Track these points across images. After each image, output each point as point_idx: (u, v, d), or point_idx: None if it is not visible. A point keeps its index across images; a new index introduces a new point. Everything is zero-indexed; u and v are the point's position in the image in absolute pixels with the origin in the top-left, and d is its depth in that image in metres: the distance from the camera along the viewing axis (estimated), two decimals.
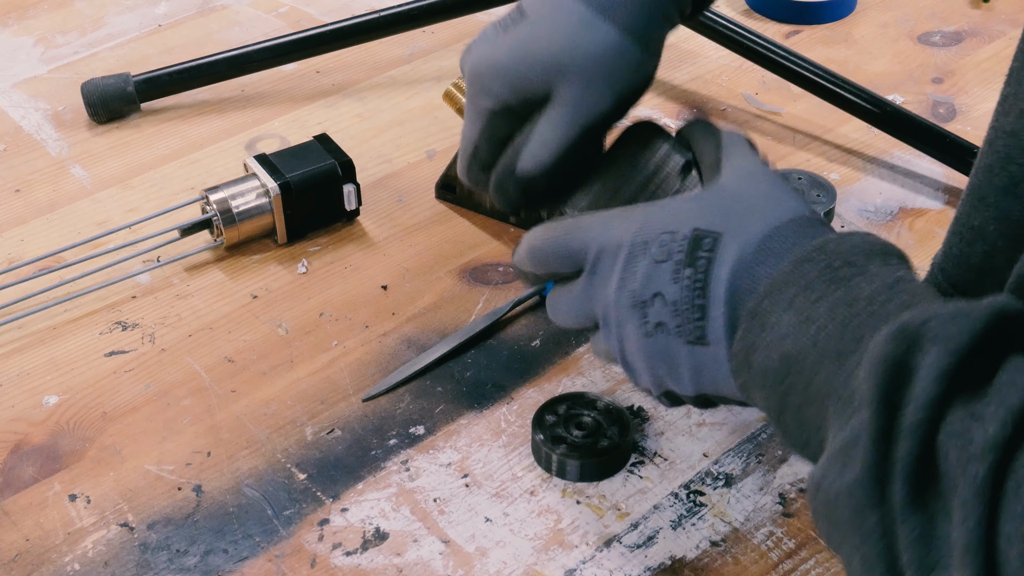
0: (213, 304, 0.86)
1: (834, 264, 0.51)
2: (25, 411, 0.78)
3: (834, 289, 0.51)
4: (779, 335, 0.52)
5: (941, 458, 0.43)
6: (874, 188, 0.94)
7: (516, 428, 0.76)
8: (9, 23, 1.18)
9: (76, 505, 0.72)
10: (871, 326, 0.48)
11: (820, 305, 0.51)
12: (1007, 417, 0.42)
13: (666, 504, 0.71)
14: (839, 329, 0.50)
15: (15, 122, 1.04)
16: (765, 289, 0.53)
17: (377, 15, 1.06)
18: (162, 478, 0.73)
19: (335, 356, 0.81)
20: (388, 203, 0.95)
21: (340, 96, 1.07)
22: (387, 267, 0.89)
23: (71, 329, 0.84)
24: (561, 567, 0.68)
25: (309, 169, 0.89)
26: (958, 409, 0.44)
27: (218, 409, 0.78)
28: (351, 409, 0.77)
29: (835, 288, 0.51)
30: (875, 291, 0.50)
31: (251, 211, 0.88)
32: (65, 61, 1.12)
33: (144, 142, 1.02)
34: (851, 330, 0.49)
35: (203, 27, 1.17)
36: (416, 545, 0.69)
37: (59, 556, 0.69)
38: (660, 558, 0.68)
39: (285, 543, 0.69)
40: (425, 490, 0.72)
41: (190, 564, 0.68)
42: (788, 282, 0.52)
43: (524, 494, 0.72)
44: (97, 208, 0.95)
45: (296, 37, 1.06)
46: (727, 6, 1.18)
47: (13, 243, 0.92)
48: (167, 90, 1.05)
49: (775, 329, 0.52)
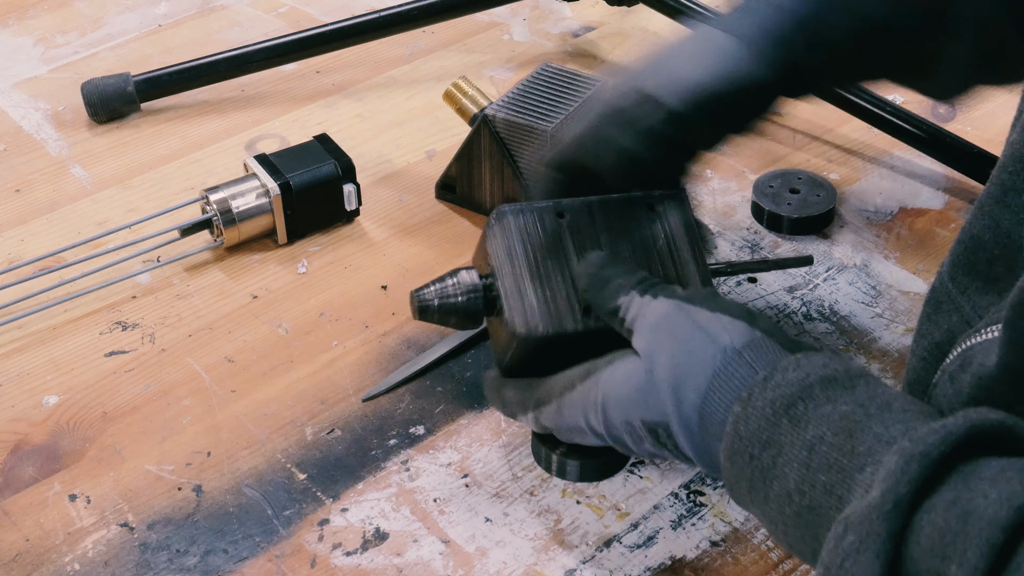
0: (213, 304, 0.86)
1: (754, 453, 0.54)
2: (25, 411, 0.78)
3: (768, 484, 0.54)
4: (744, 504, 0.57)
5: None
6: (874, 188, 0.94)
7: (516, 428, 0.76)
8: (9, 23, 1.18)
9: (76, 505, 0.72)
10: (820, 524, 0.51)
11: (769, 506, 0.54)
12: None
13: (666, 504, 0.71)
14: (797, 527, 0.53)
15: (15, 122, 1.04)
16: (724, 465, 0.57)
17: (377, 15, 1.06)
18: (162, 478, 0.73)
19: (335, 356, 0.81)
20: (388, 203, 0.95)
21: (340, 96, 1.07)
22: (387, 267, 0.89)
23: (71, 329, 0.84)
24: (561, 567, 0.68)
25: (309, 169, 0.89)
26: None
27: (218, 409, 0.78)
28: (351, 409, 0.77)
29: (768, 484, 0.54)
30: (799, 479, 0.52)
31: (251, 211, 0.88)
32: (65, 61, 1.12)
33: (144, 142, 1.02)
34: (808, 525, 0.52)
35: (203, 27, 1.17)
36: (416, 545, 0.69)
37: (59, 556, 0.69)
38: (660, 558, 0.68)
39: (285, 543, 0.69)
40: (425, 490, 0.72)
41: (190, 564, 0.68)
42: (735, 477, 0.56)
43: (524, 494, 0.72)
44: (97, 208, 0.95)
45: (296, 37, 1.06)
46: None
47: (13, 243, 0.92)
48: (167, 90, 1.05)
49: (741, 500, 0.57)
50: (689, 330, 0.59)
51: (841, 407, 0.53)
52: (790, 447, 0.53)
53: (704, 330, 0.58)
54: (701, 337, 0.58)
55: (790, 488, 0.52)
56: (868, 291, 0.85)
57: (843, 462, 0.51)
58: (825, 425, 0.52)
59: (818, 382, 0.54)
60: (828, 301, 0.84)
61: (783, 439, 0.53)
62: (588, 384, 0.62)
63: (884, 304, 0.84)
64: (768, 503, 0.54)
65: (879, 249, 0.89)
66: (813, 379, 0.54)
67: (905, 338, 0.81)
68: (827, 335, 0.82)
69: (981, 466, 0.47)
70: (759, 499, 0.55)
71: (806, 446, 0.52)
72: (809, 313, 0.83)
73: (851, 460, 0.50)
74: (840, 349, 0.81)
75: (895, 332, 0.82)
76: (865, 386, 0.54)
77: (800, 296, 0.85)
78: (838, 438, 0.52)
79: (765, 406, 0.54)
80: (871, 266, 0.87)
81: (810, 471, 0.52)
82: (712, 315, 0.59)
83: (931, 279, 0.85)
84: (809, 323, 0.83)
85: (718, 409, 0.57)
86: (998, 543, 0.44)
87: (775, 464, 0.53)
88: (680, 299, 0.60)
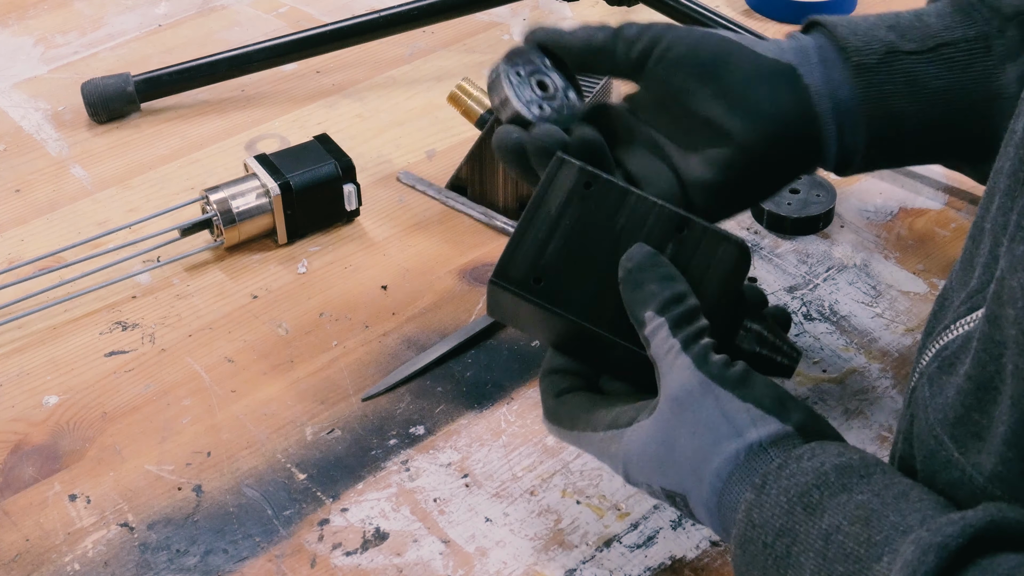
0: (213, 304, 0.86)
1: (768, 541, 0.54)
2: (25, 411, 0.78)
3: (782, 573, 0.53)
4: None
5: None
6: (874, 188, 0.94)
7: (516, 428, 0.76)
8: (9, 23, 1.18)
9: (76, 505, 0.72)
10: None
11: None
12: None
13: (666, 504, 0.71)
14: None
15: (15, 122, 1.04)
16: (735, 552, 0.56)
17: (377, 15, 1.06)
18: (162, 478, 0.73)
19: (335, 356, 0.81)
20: (388, 203, 0.95)
21: (340, 96, 1.07)
22: (387, 267, 0.89)
23: (71, 329, 0.84)
24: (561, 567, 0.68)
25: (309, 169, 0.89)
26: None
27: (218, 409, 0.78)
28: (351, 409, 0.78)
29: (782, 572, 0.53)
30: (815, 568, 0.51)
31: (251, 211, 0.88)
32: (65, 61, 1.12)
33: (144, 142, 1.02)
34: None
35: (203, 27, 1.17)
36: (416, 545, 0.69)
37: (59, 556, 0.69)
38: (660, 558, 0.68)
39: (285, 543, 0.69)
40: (425, 490, 0.72)
41: (190, 564, 0.68)
42: (747, 564, 0.55)
43: (524, 494, 0.72)
44: (97, 208, 0.95)
45: (296, 37, 1.06)
46: (727, 6, 1.18)
47: (13, 243, 0.92)
48: (167, 90, 1.05)
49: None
50: (716, 417, 0.57)
51: (857, 496, 0.52)
52: (805, 536, 0.52)
53: (732, 421, 0.56)
54: (728, 428, 0.56)
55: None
56: (868, 291, 0.85)
57: (860, 551, 0.50)
58: (841, 514, 0.52)
59: (833, 470, 0.53)
60: (828, 301, 0.84)
61: (798, 528, 0.52)
62: (610, 436, 0.61)
63: (884, 304, 0.84)
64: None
65: (879, 249, 0.89)
66: (828, 467, 0.54)
67: (905, 338, 0.81)
68: (827, 335, 0.82)
69: (998, 561, 0.47)
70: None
71: (822, 535, 0.52)
72: (809, 313, 0.83)
73: (868, 550, 0.50)
74: (840, 349, 0.81)
75: (895, 332, 0.82)
76: (881, 475, 0.53)
77: (800, 296, 0.85)
78: (854, 527, 0.51)
79: (779, 494, 0.54)
80: (871, 266, 0.87)
81: (827, 561, 0.51)
82: (743, 406, 0.57)
83: (931, 279, 0.85)
84: (809, 323, 0.83)
85: (737, 498, 0.56)
86: None
87: (789, 553, 0.52)
88: (711, 374, 0.57)
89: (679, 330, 0.59)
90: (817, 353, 0.80)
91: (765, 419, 0.56)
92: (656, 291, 0.60)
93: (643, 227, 0.62)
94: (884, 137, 0.69)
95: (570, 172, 0.63)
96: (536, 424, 0.76)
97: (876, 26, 0.70)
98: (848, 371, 0.79)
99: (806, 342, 0.81)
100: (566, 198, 0.63)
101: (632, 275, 0.61)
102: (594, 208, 0.63)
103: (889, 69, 0.68)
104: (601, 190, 0.63)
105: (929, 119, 0.69)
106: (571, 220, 0.63)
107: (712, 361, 0.58)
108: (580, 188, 0.63)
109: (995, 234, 0.53)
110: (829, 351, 0.81)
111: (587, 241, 0.63)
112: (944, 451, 0.52)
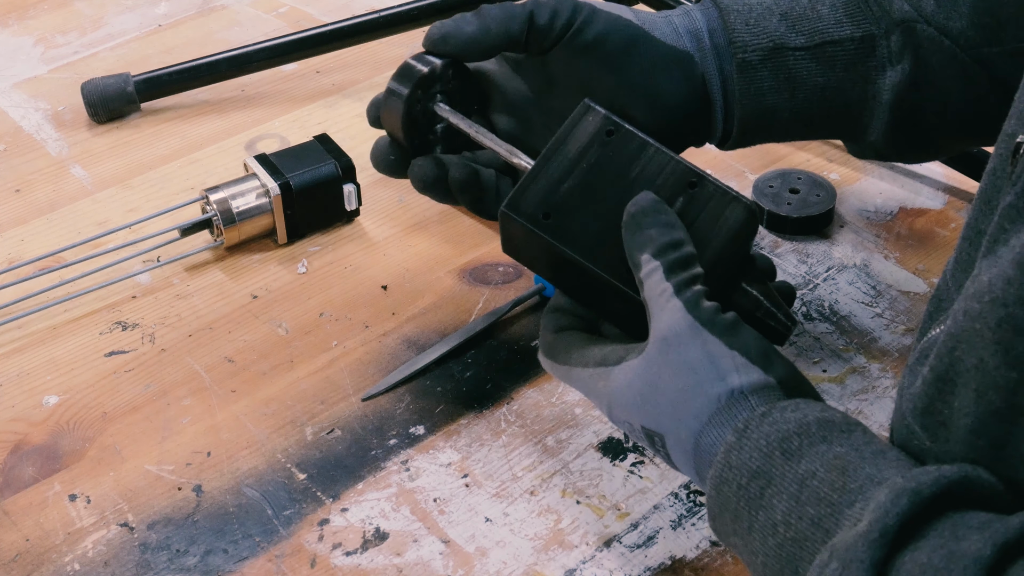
0: (213, 304, 0.86)
1: (743, 482, 0.55)
2: (25, 411, 0.78)
3: (753, 514, 0.54)
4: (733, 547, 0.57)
5: None
6: (874, 188, 0.94)
7: (516, 428, 0.76)
8: (9, 23, 1.18)
9: (76, 505, 0.72)
10: (803, 557, 0.52)
11: (752, 537, 0.54)
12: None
13: (666, 504, 0.71)
14: (778, 558, 0.53)
15: (15, 122, 1.04)
16: (710, 493, 0.57)
17: (377, 15, 1.06)
18: (162, 478, 0.73)
19: (335, 356, 0.81)
20: (388, 203, 0.95)
21: (340, 96, 1.07)
22: (387, 267, 0.89)
23: (71, 329, 0.84)
24: (561, 567, 0.68)
25: (309, 169, 0.89)
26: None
27: (218, 409, 0.78)
28: (351, 409, 0.78)
29: (753, 513, 0.54)
30: (787, 510, 0.53)
31: (251, 211, 0.88)
32: (65, 61, 1.12)
33: (144, 142, 1.02)
34: (789, 558, 0.52)
35: (203, 27, 1.17)
36: (416, 545, 0.69)
37: (59, 556, 0.69)
38: (660, 558, 0.68)
39: (285, 543, 0.69)
40: (425, 490, 0.72)
41: (190, 564, 0.68)
42: (720, 506, 0.56)
43: (524, 494, 0.72)
44: (97, 208, 0.95)
45: (296, 37, 1.06)
46: None
47: (13, 243, 0.92)
48: (167, 90, 1.05)
49: (721, 531, 0.57)
50: (701, 360, 0.58)
51: (836, 448, 0.53)
52: (780, 479, 0.53)
53: (716, 365, 0.58)
54: (711, 372, 0.58)
55: (776, 519, 0.53)
56: (868, 291, 0.85)
57: (833, 497, 0.51)
58: (819, 462, 0.53)
59: (815, 422, 0.55)
60: (828, 301, 0.84)
61: (774, 471, 0.54)
62: (598, 373, 0.62)
63: (884, 304, 0.84)
64: (751, 533, 0.54)
65: (879, 249, 0.89)
66: (811, 419, 0.55)
67: (905, 338, 0.81)
68: (827, 335, 0.82)
69: (968, 517, 0.48)
70: (742, 529, 0.55)
71: (797, 479, 0.53)
72: (809, 313, 0.83)
73: (842, 496, 0.51)
74: (840, 349, 0.81)
75: (895, 332, 0.82)
76: (862, 434, 0.55)
77: (800, 296, 0.85)
78: (831, 475, 0.52)
79: (760, 438, 0.55)
80: (871, 266, 0.87)
81: (799, 503, 0.52)
82: (729, 352, 0.58)
83: (931, 279, 0.85)
84: (809, 323, 0.83)
85: (715, 441, 0.57)
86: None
87: (763, 494, 0.54)
88: (700, 318, 0.59)
89: (673, 275, 0.60)
90: (817, 353, 0.80)
91: (749, 368, 0.57)
92: (655, 236, 0.61)
93: (656, 178, 0.64)
94: (757, 124, 0.72)
95: (595, 119, 0.65)
96: (536, 424, 0.76)
97: (769, 12, 0.71)
98: (848, 371, 0.79)
99: (806, 342, 0.81)
100: (588, 142, 0.65)
101: (634, 219, 0.62)
102: (612, 155, 0.65)
103: (772, 66, 0.71)
104: (622, 139, 0.65)
105: (803, 113, 0.72)
106: (588, 164, 0.65)
107: (703, 307, 0.59)
108: (602, 135, 0.65)
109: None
110: (829, 351, 0.81)
111: (600, 185, 0.64)
112: (916, 439, 0.53)
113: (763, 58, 0.70)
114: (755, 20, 0.71)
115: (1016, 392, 0.47)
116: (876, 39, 0.70)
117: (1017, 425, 0.48)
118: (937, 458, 0.52)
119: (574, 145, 0.65)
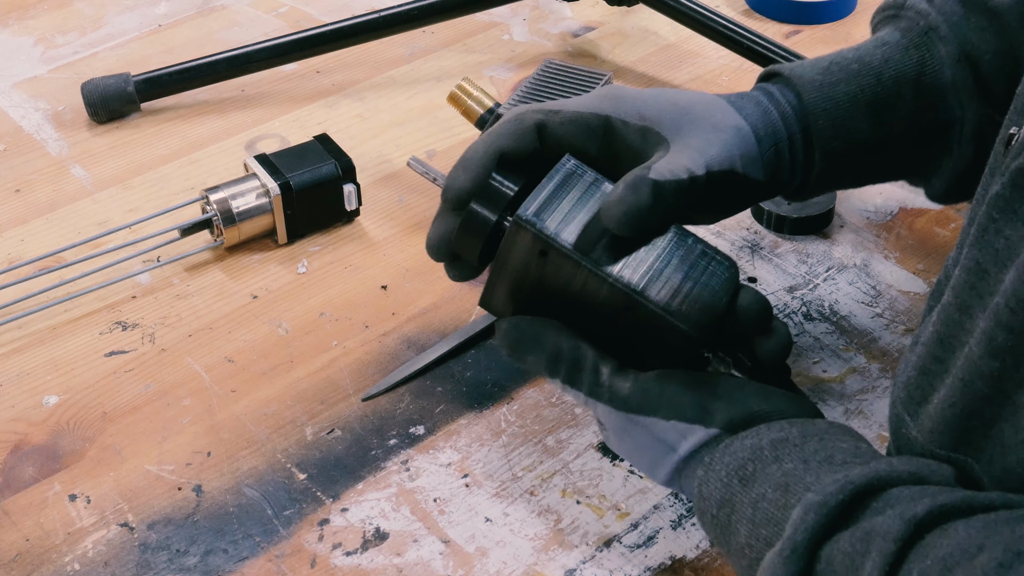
0: (213, 304, 0.86)
1: (714, 512, 0.59)
2: (25, 411, 0.78)
3: (727, 540, 0.58)
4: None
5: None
6: (874, 188, 0.94)
7: (516, 428, 0.76)
8: (9, 23, 1.18)
9: (76, 505, 0.72)
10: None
11: (731, 560, 0.58)
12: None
13: (666, 504, 0.71)
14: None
15: (15, 122, 1.04)
16: (699, 521, 0.61)
17: (377, 15, 1.06)
18: (162, 478, 0.73)
19: (335, 356, 0.81)
20: (388, 203, 0.95)
21: (340, 96, 1.07)
22: (387, 267, 0.89)
23: (71, 329, 0.84)
24: (561, 567, 0.68)
25: (309, 169, 0.89)
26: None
27: (218, 409, 0.78)
28: (351, 409, 0.78)
29: (727, 539, 0.58)
30: (748, 533, 0.56)
31: (251, 211, 0.88)
32: (65, 61, 1.12)
33: (144, 142, 1.02)
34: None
35: (203, 27, 1.17)
36: (416, 545, 0.69)
37: (59, 556, 0.69)
38: (660, 558, 0.68)
39: (285, 543, 0.69)
40: (425, 490, 0.72)
41: (190, 564, 0.68)
42: (709, 532, 0.60)
43: (524, 494, 0.72)
44: (97, 208, 0.95)
45: (296, 37, 1.06)
46: (727, 6, 1.18)
47: (13, 243, 0.92)
48: (167, 90, 1.05)
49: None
50: (650, 443, 0.62)
51: (786, 465, 0.56)
52: (740, 505, 0.57)
53: (664, 441, 0.61)
54: (663, 448, 0.62)
55: (742, 543, 0.56)
56: (868, 291, 0.85)
57: (778, 515, 0.54)
58: (768, 483, 0.56)
59: (768, 444, 0.58)
60: (828, 301, 0.84)
61: (735, 498, 0.57)
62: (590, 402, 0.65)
63: (884, 304, 0.84)
64: (730, 557, 0.58)
65: (879, 249, 0.89)
66: (765, 442, 0.58)
67: (905, 338, 0.81)
68: (827, 335, 0.82)
69: (889, 497, 0.51)
70: (725, 553, 0.59)
71: (751, 503, 0.56)
72: (809, 313, 0.83)
73: (783, 513, 0.54)
74: (840, 349, 0.81)
75: (895, 332, 0.82)
76: (817, 442, 0.57)
77: (800, 296, 0.85)
78: (776, 494, 0.55)
79: (720, 468, 0.58)
80: (871, 266, 0.87)
81: (755, 526, 0.55)
82: (668, 424, 0.61)
83: (931, 279, 0.85)
84: (809, 323, 0.83)
85: (691, 479, 0.62)
86: (892, 553, 0.47)
87: (730, 521, 0.57)
88: (629, 407, 0.62)
89: (577, 384, 0.63)
90: (817, 353, 0.80)
91: (692, 429, 0.61)
92: (536, 360, 0.64)
93: (596, 299, 0.64)
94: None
95: (526, 238, 0.64)
96: (536, 424, 0.76)
97: (854, 109, 0.69)
98: (848, 371, 0.79)
99: (806, 342, 0.81)
100: (524, 262, 0.64)
101: (514, 356, 0.65)
102: (553, 273, 0.64)
103: (846, 160, 0.70)
104: (555, 259, 0.64)
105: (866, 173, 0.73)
106: (533, 281, 0.65)
107: (624, 395, 0.62)
108: (536, 256, 0.64)
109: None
110: (829, 351, 0.81)
111: (550, 298, 0.65)
112: (904, 428, 0.56)
113: (845, 154, 0.70)
114: (841, 120, 0.69)
115: (1000, 380, 0.49)
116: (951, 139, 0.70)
117: (999, 415, 0.50)
118: (922, 447, 0.54)
119: (515, 264, 0.64)
